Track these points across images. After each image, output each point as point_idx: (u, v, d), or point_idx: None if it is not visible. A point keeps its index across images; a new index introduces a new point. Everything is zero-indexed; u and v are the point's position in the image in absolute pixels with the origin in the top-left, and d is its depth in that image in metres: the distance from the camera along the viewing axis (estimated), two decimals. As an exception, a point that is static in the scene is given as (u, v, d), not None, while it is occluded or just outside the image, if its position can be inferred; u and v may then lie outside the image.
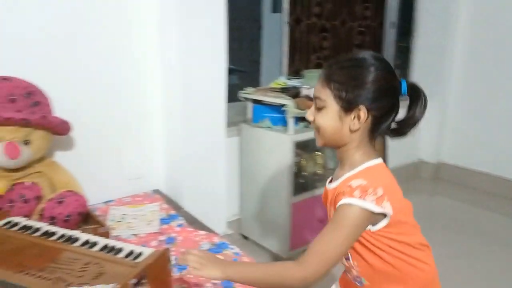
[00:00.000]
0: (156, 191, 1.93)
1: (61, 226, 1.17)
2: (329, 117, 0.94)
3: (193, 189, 1.88)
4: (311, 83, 2.07)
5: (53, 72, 1.61)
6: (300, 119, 2.10)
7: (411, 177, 3.57)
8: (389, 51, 3.67)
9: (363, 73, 0.92)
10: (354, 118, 0.94)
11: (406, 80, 0.97)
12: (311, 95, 2.02)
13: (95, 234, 1.15)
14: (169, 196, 1.90)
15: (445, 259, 2.39)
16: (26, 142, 1.39)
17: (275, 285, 0.90)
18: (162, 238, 1.48)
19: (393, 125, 0.99)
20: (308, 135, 2.13)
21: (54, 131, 1.49)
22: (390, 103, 0.95)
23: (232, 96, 2.09)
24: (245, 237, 2.51)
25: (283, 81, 2.24)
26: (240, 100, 2.39)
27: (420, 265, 1.01)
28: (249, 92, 2.19)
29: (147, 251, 1.01)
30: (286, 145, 2.03)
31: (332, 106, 0.94)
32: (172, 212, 1.69)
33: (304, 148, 2.26)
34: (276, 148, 2.09)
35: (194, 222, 1.62)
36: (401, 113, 0.99)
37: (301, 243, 2.28)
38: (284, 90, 2.06)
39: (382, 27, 3.58)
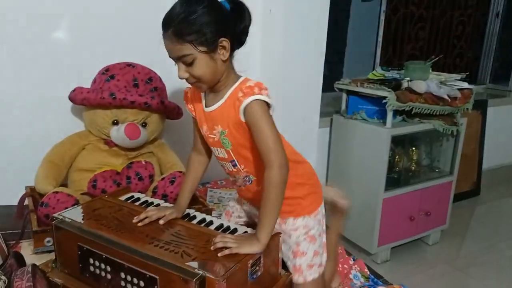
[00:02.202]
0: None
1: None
2: (204, 64, 1.01)
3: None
4: (413, 76, 1.98)
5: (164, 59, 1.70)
6: (399, 112, 2.02)
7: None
8: (491, 43, 3.41)
9: (202, 13, 0.98)
10: (221, 51, 1.02)
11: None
12: (414, 88, 1.95)
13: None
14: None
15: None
16: (144, 125, 1.49)
17: (282, 197, 1.01)
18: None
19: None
20: (406, 129, 2.05)
21: (168, 116, 1.58)
22: (232, 22, 1.02)
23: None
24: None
25: (381, 72, 2.17)
26: (327, 91, 2.34)
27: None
28: (345, 83, 2.15)
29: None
30: (383, 139, 1.98)
31: (200, 54, 1.00)
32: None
33: (398, 143, 2.18)
34: (372, 141, 2.04)
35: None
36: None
37: (389, 239, 2.22)
38: (384, 82, 1.99)
39: (485, 17, 3.34)
